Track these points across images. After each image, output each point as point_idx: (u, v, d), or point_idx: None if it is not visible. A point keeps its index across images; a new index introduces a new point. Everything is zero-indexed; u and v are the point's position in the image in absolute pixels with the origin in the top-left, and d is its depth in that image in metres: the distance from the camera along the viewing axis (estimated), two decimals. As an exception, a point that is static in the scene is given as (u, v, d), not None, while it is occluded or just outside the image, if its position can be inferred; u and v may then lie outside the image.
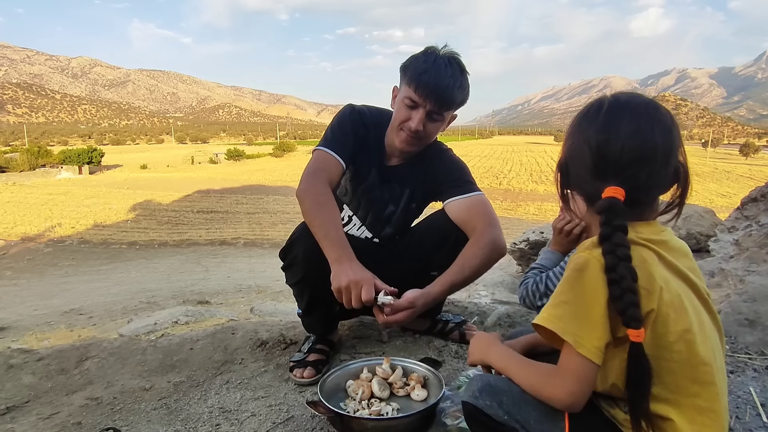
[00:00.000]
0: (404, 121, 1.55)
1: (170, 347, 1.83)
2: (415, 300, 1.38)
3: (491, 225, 1.56)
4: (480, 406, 0.89)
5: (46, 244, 18.24)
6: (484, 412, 0.89)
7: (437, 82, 1.49)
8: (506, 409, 0.87)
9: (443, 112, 1.55)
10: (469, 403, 0.92)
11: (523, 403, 0.86)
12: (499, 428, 0.88)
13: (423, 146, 1.64)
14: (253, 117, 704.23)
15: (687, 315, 0.78)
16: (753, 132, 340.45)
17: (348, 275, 1.31)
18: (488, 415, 0.88)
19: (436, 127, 1.59)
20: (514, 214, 22.85)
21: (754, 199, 2.48)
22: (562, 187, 0.92)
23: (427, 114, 1.53)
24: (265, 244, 17.59)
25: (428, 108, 1.52)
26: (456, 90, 1.52)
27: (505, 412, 0.87)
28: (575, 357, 0.78)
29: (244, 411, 1.43)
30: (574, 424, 0.81)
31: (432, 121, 1.56)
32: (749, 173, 39.38)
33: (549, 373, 0.84)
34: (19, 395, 1.57)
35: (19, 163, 39.65)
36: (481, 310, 2.14)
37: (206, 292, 6.54)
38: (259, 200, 27.45)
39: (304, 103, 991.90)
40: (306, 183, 1.50)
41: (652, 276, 0.77)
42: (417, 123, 1.52)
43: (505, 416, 0.86)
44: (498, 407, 0.87)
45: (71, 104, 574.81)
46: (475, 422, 0.93)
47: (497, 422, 0.88)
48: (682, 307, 0.78)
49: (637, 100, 0.83)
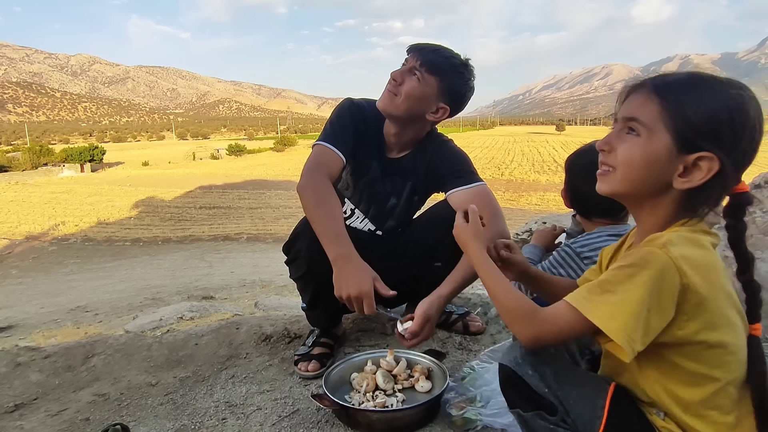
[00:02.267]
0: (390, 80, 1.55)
1: (176, 343, 1.84)
2: (427, 311, 1.34)
3: (495, 215, 1.55)
4: (520, 373, 0.87)
5: (50, 242, 18.34)
6: (524, 380, 0.87)
7: (428, 45, 1.52)
8: (547, 382, 0.85)
9: (423, 72, 1.49)
10: (509, 367, 0.89)
11: (566, 381, 0.84)
12: (533, 397, 0.86)
13: (396, 108, 1.55)
14: (254, 112, 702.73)
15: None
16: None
17: (348, 287, 1.29)
18: (527, 383, 0.87)
19: (412, 89, 1.50)
20: (516, 204, 22.81)
21: (757, 185, 2.46)
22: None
23: (409, 69, 1.51)
24: (268, 239, 17.64)
25: (410, 64, 1.50)
26: (445, 60, 1.50)
27: (546, 385, 0.85)
28: (571, 315, 0.79)
29: (249, 405, 1.44)
30: (614, 410, 0.80)
31: (410, 78, 1.50)
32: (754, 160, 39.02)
33: (533, 311, 0.84)
34: (27, 392, 1.59)
35: (22, 162, 39.78)
36: (484, 301, 2.14)
37: (210, 288, 6.57)
38: (261, 195, 27.49)
39: (304, 97, 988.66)
40: (306, 178, 1.49)
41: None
42: (398, 72, 1.52)
43: (546, 389, 0.85)
44: (540, 379, 0.85)
45: (71, 102, 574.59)
46: (511, 387, 0.90)
47: (535, 392, 0.86)
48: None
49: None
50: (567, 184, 1.45)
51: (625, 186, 0.83)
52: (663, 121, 0.78)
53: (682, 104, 0.77)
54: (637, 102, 0.82)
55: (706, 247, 0.78)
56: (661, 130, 0.78)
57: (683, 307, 0.74)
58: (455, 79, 1.53)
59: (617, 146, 0.84)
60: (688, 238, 0.77)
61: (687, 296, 0.73)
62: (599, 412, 0.80)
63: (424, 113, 1.56)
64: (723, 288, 0.77)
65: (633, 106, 0.82)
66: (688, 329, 0.75)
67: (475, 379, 1.38)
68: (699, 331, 0.75)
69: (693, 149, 0.77)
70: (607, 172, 0.86)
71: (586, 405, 0.82)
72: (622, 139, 0.83)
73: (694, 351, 0.77)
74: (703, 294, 0.73)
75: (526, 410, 0.87)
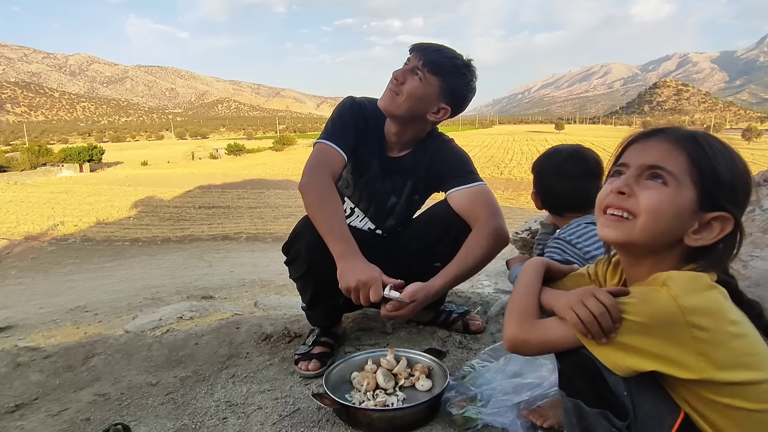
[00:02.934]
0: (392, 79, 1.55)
1: (176, 342, 1.84)
2: (415, 293, 1.36)
3: (494, 215, 1.56)
4: (600, 367, 0.80)
5: (49, 242, 18.32)
6: (603, 377, 0.80)
7: (431, 45, 1.52)
8: (628, 384, 0.79)
9: (425, 72, 1.49)
10: (589, 358, 0.81)
11: (645, 391, 0.79)
12: (605, 395, 0.80)
13: (397, 108, 1.55)
14: (253, 111, 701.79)
15: None
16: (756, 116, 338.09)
17: (355, 275, 1.31)
18: (606, 380, 0.80)
19: (414, 88, 1.50)
20: (515, 203, 22.83)
21: (757, 183, 2.47)
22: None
23: (411, 69, 1.51)
24: (267, 239, 17.63)
25: (413, 63, 1.51)
26: (448, 60, 1.50)
27: (625, 387, 0.79)
28: (564, 335, 0.81)
29: (250, 404, 1.44)
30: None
31: (412, 78, 1.50)
32: (752, 158, 39.20)
33: (528, 316, 0.87)
34: (27, 393, 1.59)
35: (20, 163, 39.71)
36: (484, 300, 2.14)
37: (210, 287, 6.56)
38: (260, 194, 27.47)
39: (303, 96, 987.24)
40: (308, 176, 1.49)
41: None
42: (400, 72, 1.52)
43: (625, 392, 0.79)
44: (622, 380, 0.78)
45: (70, 102, 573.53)
46: (583, 377, 0.83)
47: (611, 391, 0.80)
48: None
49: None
50: (537, 186, 1.47)
51: (646, 236, 0.79)
52: (690, 175, 0.77)
53: (711, 161, 0.76)
54: (661, 150, 0.79)
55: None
56: (687, 184, 0.77)
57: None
58: (457, 80, 1.53)
59: (639, 192, 0.79)
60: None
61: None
62: (668, 426, 0.77)
63: (425, 113, 1.56)
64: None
65: (656, 153, 0.80)
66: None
67: (475, 378, 1.38)
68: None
69: (714, 207, 0.77)
70: (622, 219, 0.81)
71: (655, 421, 0.78)
72: (646, 185, 0.79)
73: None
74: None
75: (591, 405, 0.81)
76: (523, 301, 0.91)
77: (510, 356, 1.40)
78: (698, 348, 0.72)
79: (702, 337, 0.72)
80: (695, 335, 0.71)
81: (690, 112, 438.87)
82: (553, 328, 0.84)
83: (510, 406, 1.24)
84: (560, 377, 0.87)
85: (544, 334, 0.84)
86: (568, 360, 0.85)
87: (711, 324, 0.72)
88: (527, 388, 1.26)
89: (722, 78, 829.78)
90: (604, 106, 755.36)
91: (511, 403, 1.24)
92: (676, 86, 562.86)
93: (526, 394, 1.25)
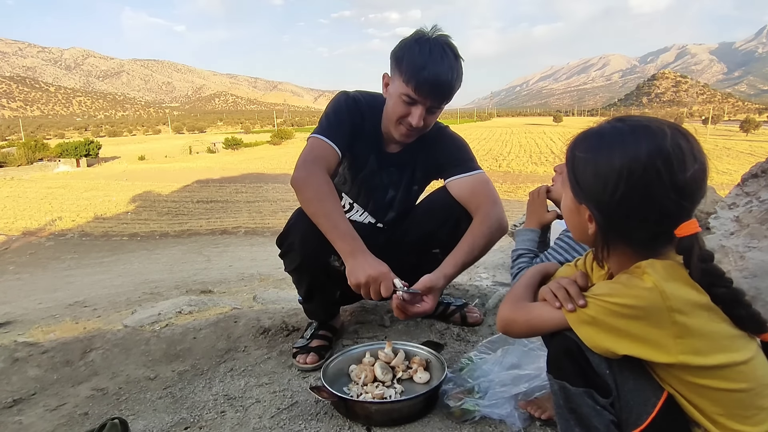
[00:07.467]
0: (403, 117, 1.50)
1: (174, 337, 1.84)
2: (434, 283, 1.36)
3: (495, 204, 1.57)
4: (584, 348, 0.84)
5: (47, 238, 18.27)
6: (586, 357, 0.84)
7: (436, 78, 1.42)
8: (610, 364, 0.83)
9: (443, 105, 1.52)
10: (574, 341, 0.85)
11: (628, 370, 0.82)
12: (589, 375, 0.84)
13: (419, 133, 1.58)
14: (250, 105, 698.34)
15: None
16: (754, 108, 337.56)
17: (365, 271, 1.30)
18: (588, 360, 0.84)
19: (434, 117, 1.57)
20: (514, 196, 22.82)
21: (754, 175, 2.46)
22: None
23: (427, 109, 1.49)
24: (266, 233, 17.60)
25: (428, 104, 1.47)
26: (455, 82, 1.47)
27: (607, 367, 0.83)
28: (546, 312, 0.88)
29: (248, 398, 1.45)
30: (664, 411, 0.80)
31: (431, 114, 1.52)
32: (750, 149, 39.10)
33: (520, 301, 0.95)
34: (25, 388, 1.59)
35: (17, 158, 39.51)
36: (482, 293, 2.14)
37: (209, 282, 6.55)
38: (258, 188, 27.40)
39: (300, 90, 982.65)
40: (304, 171, 1.45)
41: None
42: (417, 119, 1.47)
43: (607, 371, 0.83)
44: (603, 360, 0.82)
45: (66, 96, 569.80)
46: (568, 359, 0.86)
47: (594, 371, 0.83)
48: None
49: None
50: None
51: (572, 231, 0.96)
52: (569, 177, 0.89)
53: (571, 162, 0.87)
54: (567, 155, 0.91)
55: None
56: (568, 184, 0.91)
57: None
58: (460, 84, 1.54)
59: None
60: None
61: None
62: (650, 409, 0.80)
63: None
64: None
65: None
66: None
67: (473, 370, 1.38)
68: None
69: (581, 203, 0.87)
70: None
71: (639, 399, 0.81)
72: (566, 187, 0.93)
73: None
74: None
75: (576, 385, 0.85)
76: (518, 291, 0.99)
77: (507, 348, 1.40)
78: (676, 332, 0.75)
79: (682, 321, 0.75)
80: (675, 319, 0.75)
81: (688, 104, 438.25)
82: (537, 307, 0.92)
83: (508, 397, 1.25)
84: (548, 362, 0.92)
85: (528, 313, 0.92)
86: (555, 343, 0.90)
87: (689, 309, 0.76)
88: (525, 379, 1.26)
89: (721, 69, 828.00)
90: (602, 99, 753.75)
91: (509, 395, 1.25)
92: (674, 78, 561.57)
93: (524, 385, 1.25)
